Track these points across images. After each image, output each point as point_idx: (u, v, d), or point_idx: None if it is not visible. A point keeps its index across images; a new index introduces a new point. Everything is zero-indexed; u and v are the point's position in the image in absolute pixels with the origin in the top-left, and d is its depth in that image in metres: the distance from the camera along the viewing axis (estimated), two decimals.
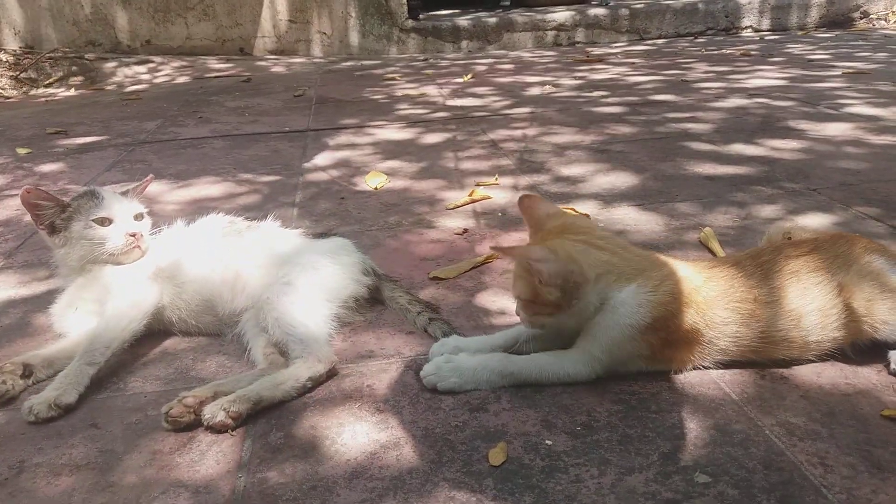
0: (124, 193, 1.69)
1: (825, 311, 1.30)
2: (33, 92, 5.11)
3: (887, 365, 1.32)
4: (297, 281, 1.53)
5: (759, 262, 1.36)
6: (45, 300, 1.72)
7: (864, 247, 1.38)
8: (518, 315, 1.37)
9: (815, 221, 2.03)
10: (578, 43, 6.44)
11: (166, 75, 5.53)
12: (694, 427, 1.19)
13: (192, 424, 1.25)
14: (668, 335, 1.26)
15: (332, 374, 1.39)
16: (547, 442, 1.17)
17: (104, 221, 1.59)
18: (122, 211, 1.62)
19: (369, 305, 1.64)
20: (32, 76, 5.32)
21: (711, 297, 1.30)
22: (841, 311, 1.30)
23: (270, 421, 1.27)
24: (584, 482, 1.08)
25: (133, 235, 1.59)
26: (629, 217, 2.15)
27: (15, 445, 1.25)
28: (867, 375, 1.31)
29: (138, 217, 1.65)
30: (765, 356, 1.32)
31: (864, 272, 1.31)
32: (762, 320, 1.29)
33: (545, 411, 1.25)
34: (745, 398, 1.26)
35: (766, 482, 1.06)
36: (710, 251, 1.85)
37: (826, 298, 1.30)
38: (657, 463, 1.11)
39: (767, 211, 2.14)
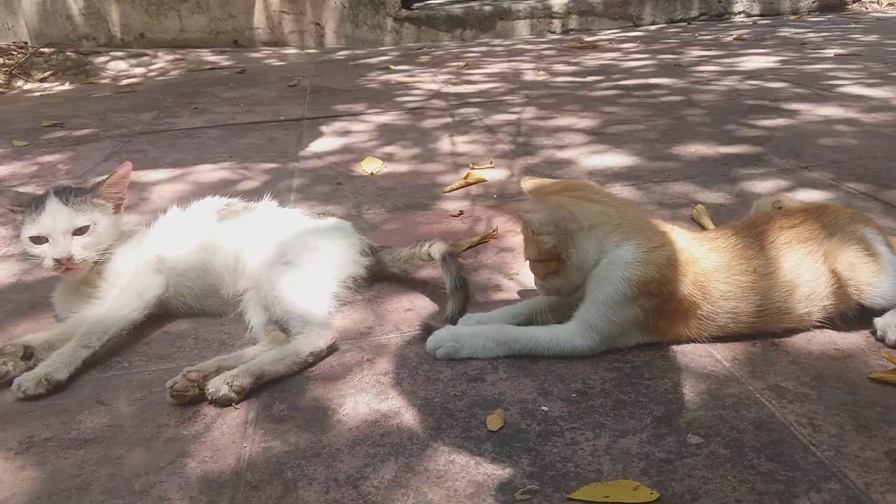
0: (93, 188, 1.59)
1: (816, 281, 1.33)
2: (28, 86, 5.11)
3: (874, 332, 1.35)
4: (296, 261, 1.55)
5: (755, 232, 1.38)
6: (46, 286, 1.75)
7: (850, 216, 1.41)
8: (536, 285, 1.43)
9: (806, 197, 2.06)
10: (573, 30, 6.45)
11: (160, 68, 5.54)
12: (686, 392, 1.22)
13: (196, 399, 1.28)
14: (661, 302, 1.29)
15: (332, 349, 1.42)
16: (543, 408, 1.20)
17: (39, 240, 1.50)
18: (57, 228, 1.49)
19: (368, 285, 1.67)
20: (27, 70, 5.32)
21: (710, 269, 1.32)
22: (829, 279, 1.33)
23: (273, 394, 1.30)
24: (579, 445, 1.11)
25: (59, 260, 1.48)
26: (624, 196, 2.17)
27: (24, 422, 1.27)
28: (855, 341, 1.34)
29: (80, 231, 1.52)
30: (759, 330, 1.35)
31: (847, 239, 1.35)
32: (760, 293, 1.32)
33: (541, 380, 1.28)
34: (736, 364, 1.29)
35: (757, 442, 1.09)
36: (702, 227, 1.88)
37: (816, 267, 1.33)
38: (650, 426, 1.14)
39: (759, 188, 2.17)
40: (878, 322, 1.35)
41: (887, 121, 2.84)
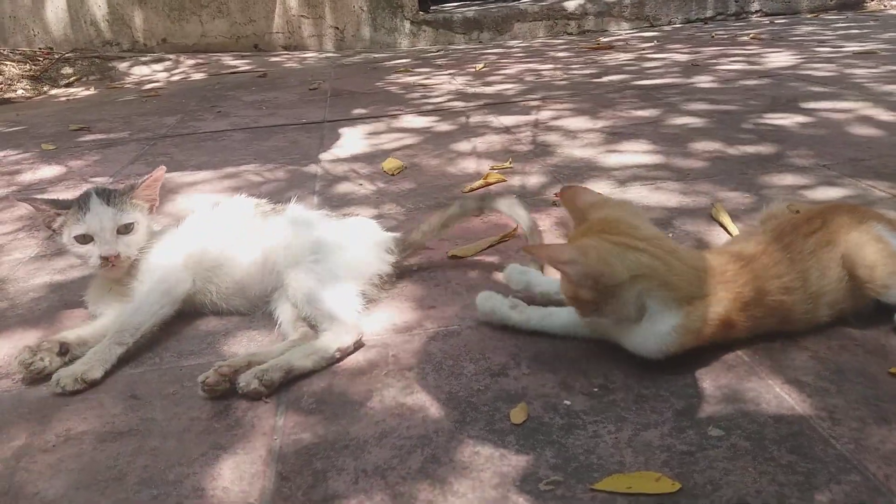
0: (129, 189, 1.65)
1: (838, 286, 1.34)
2: (53, 91, 5.21)
3: (894, 328, 1.36)
4: (324, 260, 1.59)
5: (783, 244, 1.35)
6: (79, 284, 1.80)
7: (863, 214, 1.42)
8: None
9: (825, 196, 2.07)
10: (589, 31, 6.46)
11: (183, 72, 5.62)
12: (707, 386, 1.24)
13: (227, 393, 1.32)
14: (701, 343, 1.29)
15: (358, 345, 1.45)
16: (566, 402, 1.22)
17: (85, 239, 1.56)
18: (103, 227, 1.56)
19: (393, 282, 1.70)
20: (52, 76, 5.42)
21: (750, 298, 1.29)
22: (848, 282, 1.34)
23: (302, 388, 1.34)
24: (601, 437, 1.13)
25: (107, 259, 1.55)
26: (642, 196, 2.19)
27: (61, 416, 1.32)
28: (875, 337, 1.35)
29: (125, 229, 1.59)
30: (778, 331, 1.36)
31: (864, 239, 1.35)
32: (788, 308, 1.32)
33: (563, 375, 1.31)
34: (756, 359, 1.31)
35: (777, 434, 1.11)
36: (722, 225, 1.90)
37: (838, 271, 1.34)
38: (671, 419, 1.16)
39: (778, 187, 2.18)
40: None
41: None
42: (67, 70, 5.52)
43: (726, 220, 1.92)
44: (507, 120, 3.31)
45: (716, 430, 1.13)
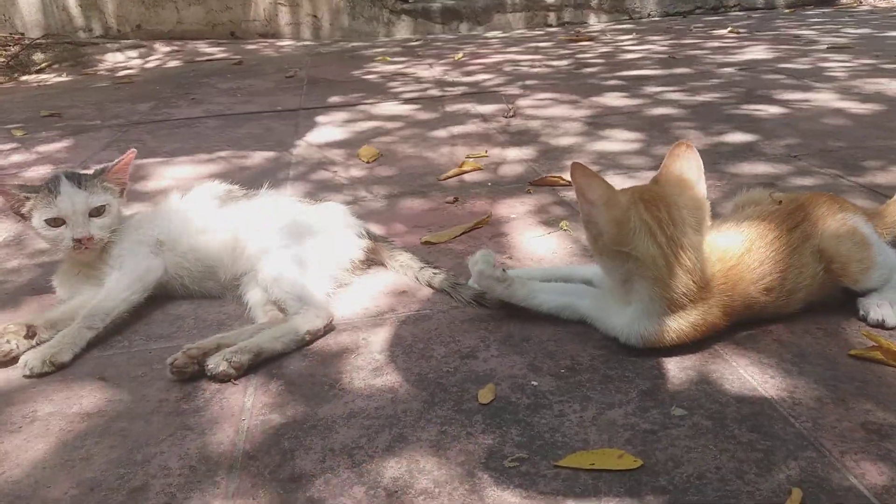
0: (100, 172, 1.63)
1: (812, 282, 1.36)
2: (24, 77, 5.12)
3: (856, 311, 1.39)
4: (294, 243, 1.59)
5: (767, 241, 1.34)
6: (47, 268, 1.78)
7: (841, 205, 1.44)
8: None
9: (795, 186, 2.10)
10: (568, 23, 6.48)
11: (157, 59, 5.55)
12: (672, 368, 1.26)
13: (196, 375, 1.32)
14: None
15: (328, 329, 1.46)
16: (533, 383, 1.24)
17: (56, 222, 1.54)
18: (75, 210, 1.54)
19: (364, 267, 1.70)
20: (23, 62, 5.33)
21: (736, 304, 1.30)
22: (822, 274, 1.36)
23: (271, 371, 1.34)
24: (567, 416, 1.14)
25: (80, 241, 1.54)
26: (620, 185, 2.19)
27: (26, 398, 1.31)
28: (836, 321, 1.38)
29: (97, 212, 1.57)
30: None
31: (840, 232, 1.37)
32: (764, 306, 1.34)
33: (531, 357, 1.32)
34: (721, 342, 1.33)
35: (739, 414, 1.13)
36: None
37: (814, 266, 1.35)
38: (636, 399, 1.18)
39: (749, 176, 2.21)
40: (861, 301, 1.39)
41: (876, 111, 2.87)
42: (39, 56, 5.43)
43: None
44: (485, 109, 3.31)
45: (679, 410, 1.15)
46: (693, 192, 1.29)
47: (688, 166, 1.30)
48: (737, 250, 1.33)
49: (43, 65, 5.32)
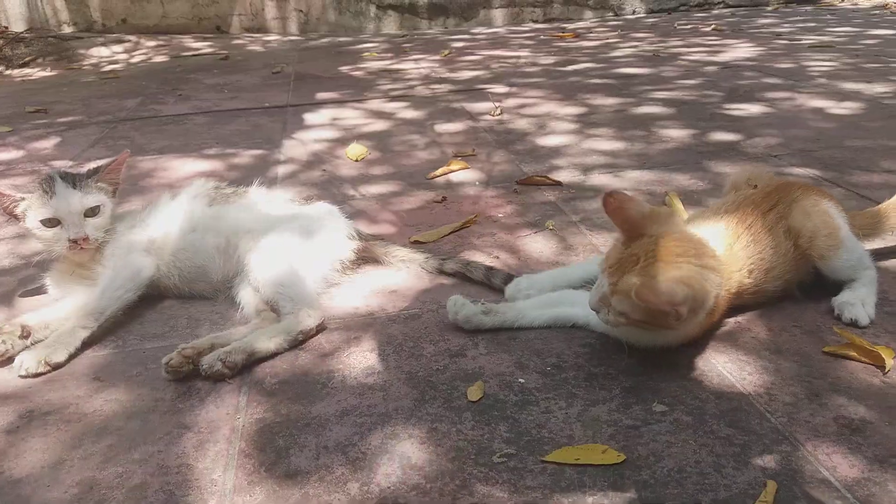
0: (95, 173, 1.65)
1: (787, 258, 1.42)
2: (8, 72, 5.09)
3: (831, 311, 1.44)
4: (286, 244, 1.61)
5: (746, 224, 1.41)
6: (40, 268, 1.79)
7: (815, 192, 1.51)
8: (597, 313, 1.30)
9: None
10: (554, 19, 6.51)
11: (143, 54, 5.53)
12: (653, 366, 1.30)
13: (190, 374, 1.34)
14: None
15: (320, 328, 1.49)
16: (520, 380, 1.28)
17: (51, 222, 1.56)
18: (70, 211, 1.56)
19: (354, 267, 1.74)
20: (7, 56, 5.29)
21: (731, 296, 1.35)
22: (794, 253, 1.43)
23: (265, 370, 1.37)
24: (553, 413, 1.19)
25: (76, 241, 1.56)
26: (604, 183, 2.25)
27: (23, 397, 1.33)
28: (812, 318, 1.43)
29: (91, 212, 1.59)
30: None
31: (809, 211, 1.44)
32: (745, 287, 1.39)
33: (518, 355, 1.36)
34: (701, 340, 1.37)
35: (717, 409, 1.18)
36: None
37: (787, 245, 1.42)
38: (619, 396, 1.22)
39: (730, 175, 2.25)
40: (835, 301, 1.44)
41: (855, 110, 2.93)
42: (23, 50, 5.39)
43: (678, 206, 1.98)
44: (473, 107, 3.35)
45: (660, 406, 1.19)
46: (667, 222, 1.28)
47: (635, 206, 1.27)
48: (727, 240, 1.38)
49: (27, 59, 5.29)
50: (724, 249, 1.36)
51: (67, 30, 5.95)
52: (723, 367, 1.29)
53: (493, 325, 1.45)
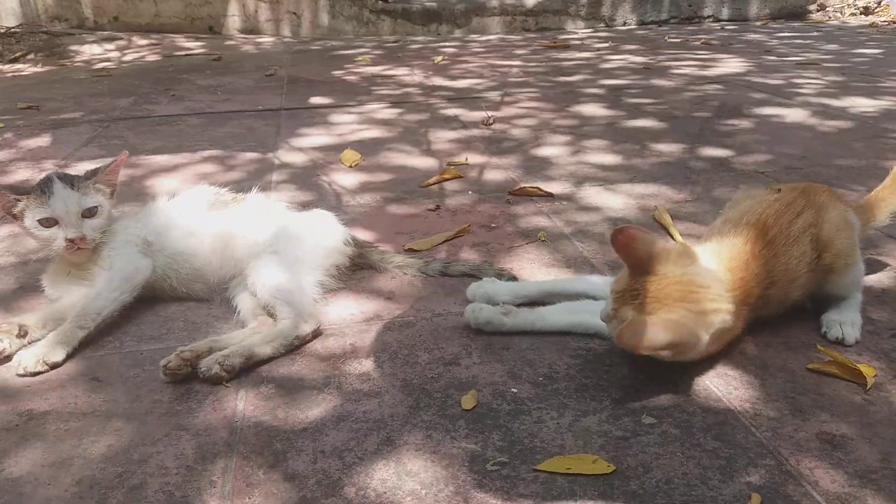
0: (93, 174, 1.66)
1: (810, 267, 1.43)
2: None
3: (817, 328, 1.48)
4: (283, 250, 1.64)
5: (768, 239, 1.39)
6: (37, 268, 1.81)
7: (839, 199, 1.53)
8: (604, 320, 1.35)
9: None
10: (546, 28, 6.57)
11: (135, 52, 5.52)
12: (643, 378, 1.34)
13: (188, 377, 1.36)
14: None
15: (316, 333, 1.51)
16: (513, 390, 1.31)
17: (49, 222, 1.57)
18: (68, 211, 1.57)
19: (350, 273, 1.76)
20: None
21: (747, 311, 1.36)
22: (818, 263, 1.44)
23: (261, 374, 1.39)
24: (545, 422, 1.22)
25: (73, 241, 1.57)
26: (596, 196, 2.29)
27: (22, 397, 1.34)
28: (797, 335, 1.47)
29: (89, 213, 1.60)
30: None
31: (841, 225, 1.45)
32: (768, 299, 1.40)
33: (511, 365, 1.39)
34: None
35: (704, 423, 1.21)
36: (663, 226, 2.01)
37: (812, 255, 1.43)
38: (609, 407, 1.26)
39: (718, 190, 2.31)
40: (824, 319, 1.48)
41: (841, 129, 3.00)
42: (14, 45, 5.36)
43: (667, 219, 2.03)
44: (465, 115, 3.38)
45: (649, 419, 1.22)
46: (672, 262, 1.29)
47: (642, 244, 1.29)
48: (744, 258, 1.37)
49: (18, 54, 5.26)
50: (742, 266, 1.35)
51: (59, 26, 5.93)
52: (710, 381, 1.33)
53: (513, 325, 1.49)
